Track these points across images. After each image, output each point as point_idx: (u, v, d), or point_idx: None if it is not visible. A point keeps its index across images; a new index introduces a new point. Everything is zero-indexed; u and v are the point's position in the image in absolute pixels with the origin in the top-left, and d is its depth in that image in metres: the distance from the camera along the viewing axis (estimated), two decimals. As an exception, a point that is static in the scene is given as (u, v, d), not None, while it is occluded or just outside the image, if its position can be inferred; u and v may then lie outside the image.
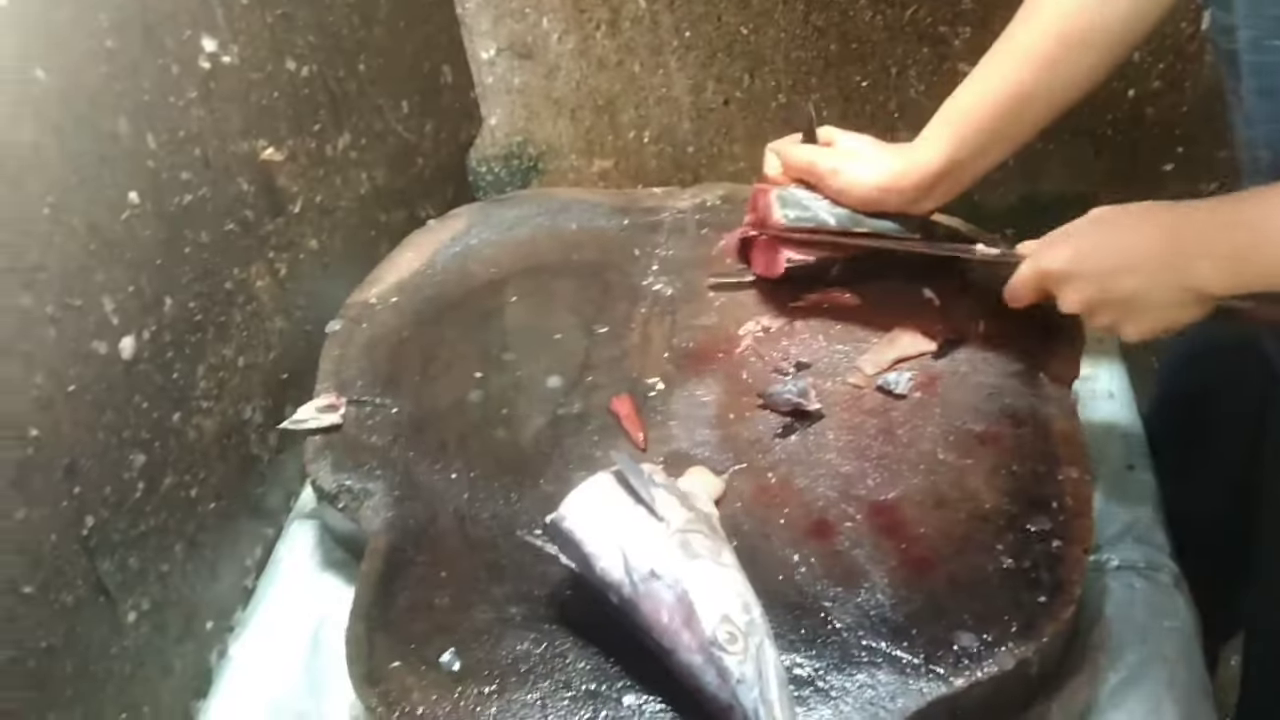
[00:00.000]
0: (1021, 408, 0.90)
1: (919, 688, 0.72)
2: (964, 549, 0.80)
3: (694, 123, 1.78)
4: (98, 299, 0.80)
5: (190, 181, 0.90)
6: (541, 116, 1.79)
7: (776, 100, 1.75)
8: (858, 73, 1.72)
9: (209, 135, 0.93)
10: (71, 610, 0.78)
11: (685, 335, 1.03)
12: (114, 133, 0.81)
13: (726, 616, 0.70)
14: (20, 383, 0.72)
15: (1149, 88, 1.55)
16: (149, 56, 0.85)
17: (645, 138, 1.81)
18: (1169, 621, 0.84)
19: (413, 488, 0.92)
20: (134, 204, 0.83)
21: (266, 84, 1.01)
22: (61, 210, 0.75)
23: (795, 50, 1.70)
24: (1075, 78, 0.90)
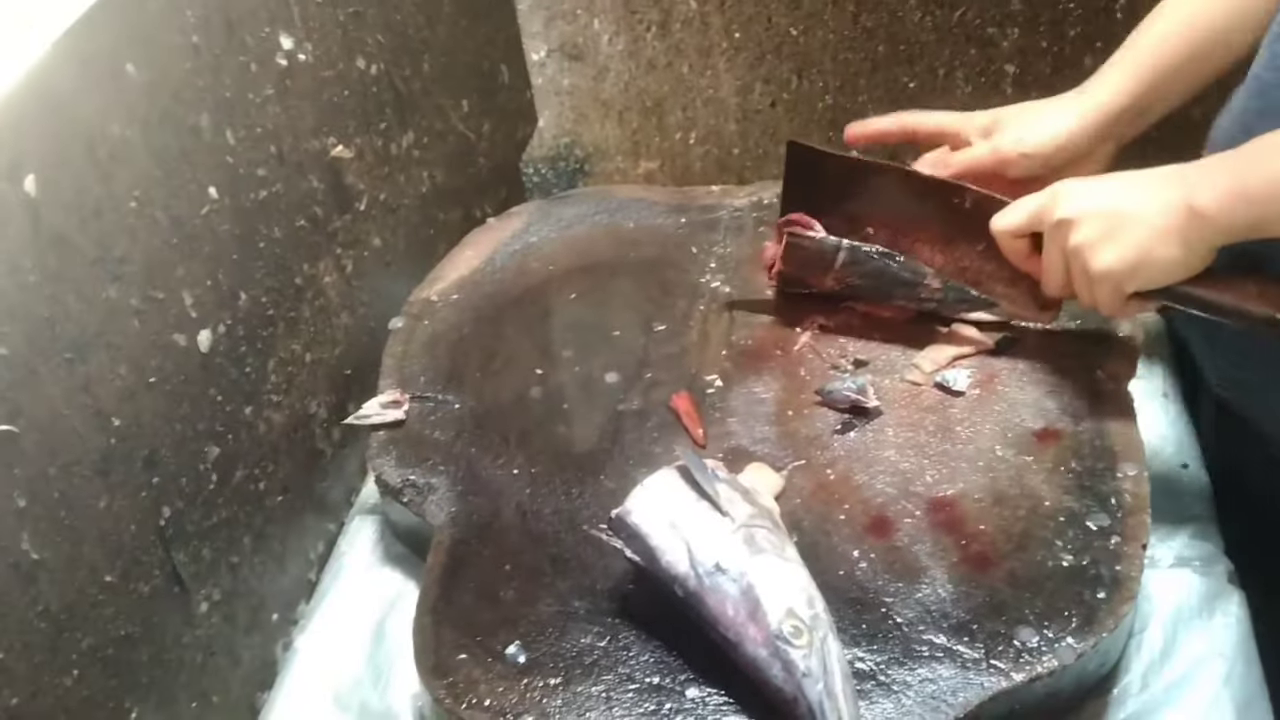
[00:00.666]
0: (1079, 406, 0.90)
1: (980, 682, 0.72)
2: (1024, 545, 0.80)
3: (740, 124, 1.78)
4: (178, 292, 0.81)
5: (265, 178, 0.92)
6: (589, 118, 1.80)
7: (823, 101, 1.75)
8: (905, 74, 1.71)
9: (283, 132, 0.94)
10: (148, 599, 0.80)
11: (743, 333, 1.03)
12: (196, 128, 0.83)
13: (791, 610, 0.71)
14: (107, 373, 0.74)
15: None
16: (230, 53, 0.87)
17: (691, 139, 1.82)
18: (1224, 617, 0.83)
19: (475, 483, 0.94)
20: (213, 199, 0.85)
21: (337, 82, 1.03)
22: (146, 204, 0.77)
23: (844, 52, 1.70)
24: (1260, 18, 0.87)
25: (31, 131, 0.66)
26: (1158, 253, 0.79)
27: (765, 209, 1.17)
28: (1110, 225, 0.81)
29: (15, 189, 0.65)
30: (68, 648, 0.71)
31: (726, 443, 0.93)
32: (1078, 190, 0.84)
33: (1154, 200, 0.79)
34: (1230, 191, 0.76)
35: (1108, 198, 0.82)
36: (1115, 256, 0.81)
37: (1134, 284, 0.81)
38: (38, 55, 0.66)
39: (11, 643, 0.65)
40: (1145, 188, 0.81)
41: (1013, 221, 0.88)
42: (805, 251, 0.99)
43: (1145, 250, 0.79)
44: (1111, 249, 0.81)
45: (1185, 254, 0.79)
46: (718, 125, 1.81)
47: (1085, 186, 0.84)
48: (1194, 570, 0.86)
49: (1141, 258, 0.80)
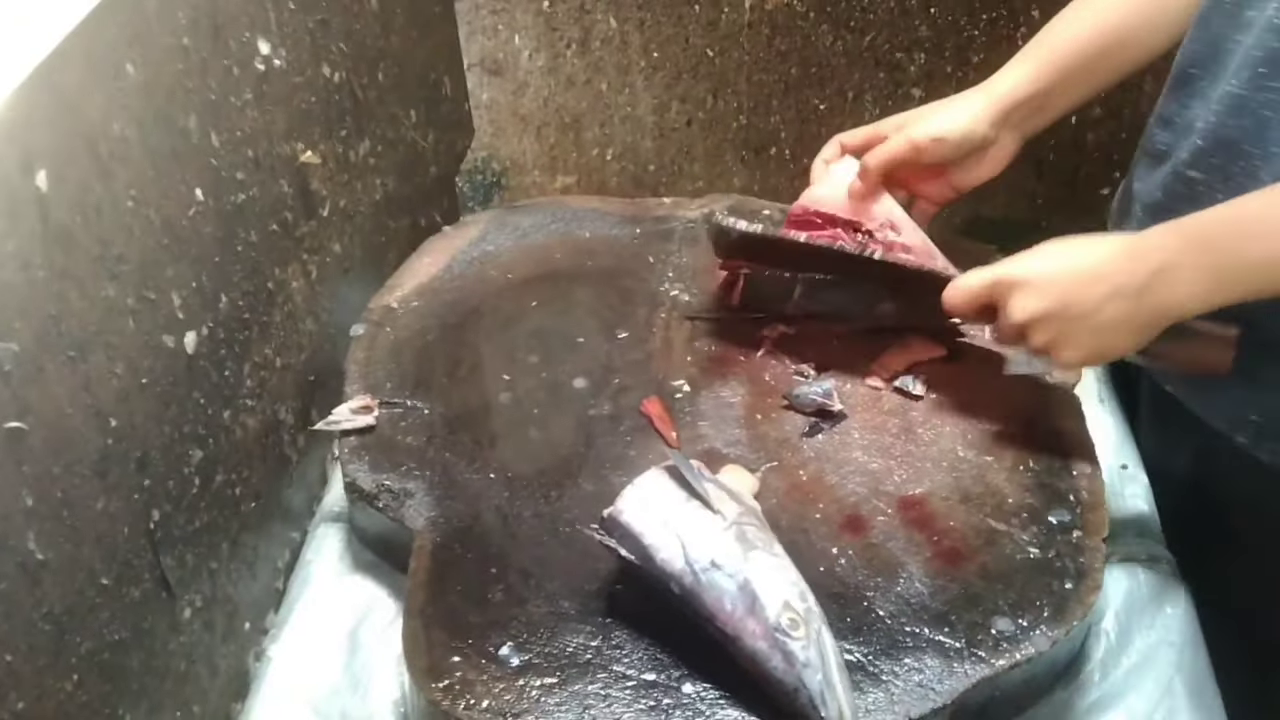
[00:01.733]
0: (1032, 408, 0.95)
1: (964, 670, 0.76)
2: (992, 540, 0.84)
3: (656, 141, 1.80)
4: (168, 293, 0.80)
5: (243, 181, 0.91)
6: (507, 133, 1.79)
7: (738, 121, 1.78)
8: (816, 96, 1.76)
9: (260, 136, 0.93)
10: (139, 604, 0.77)
11: (705, 340, 1.05)
12: (185, 129, 0.81)
13: (788, 603, 0.73)
14: (105, 372, 0.72)
15: (1090, 114, 1.61)
16: (216, 56, 0.85)
17: (608, 155, 1.83)
18: (1172, 608, 0.89)
19: (453, 487, 0.93)
20: (199, 201, 0.83)
21: (306, 88, 1.02)
22: (142, 203, 0.76)
23: (758, 74, 1.73)
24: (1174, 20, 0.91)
25: (42, 127, 0.64)
26: (1117, 346, 0.83)
27: (717, 221, 1.20)
28: (1066, 329, 0.82)
29: (28, 183, 0.63)
30: (68, 651, 0.68)
31: (699, 445, 0.94)
32: (1032, 286, 0.83)
33: (1112, 295, 0.79)
34: (1211, 280, 0.77)
35: (1060, 298, 0.82)
36: (1076, 357, 0.83)
37: (1095, 367, 0.86)
38: (47, 52, 0.64)
39: (18, 644, 0.63)
40: (1100, 278, 0.80)
41: (963, 301, 0.89)
42: (763, 285, 1.03)
43: (1104, 347, 0.83)
44: (1070, 351, 0.83)
45: (1143, 340, 0.82)
46: (634, 142, 1.82)
47: (1040, 279, 0.83)
48: (1141, 565, 0.92)
49: (1101, 354, 0.84)
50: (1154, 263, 0.79)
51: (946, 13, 1.65)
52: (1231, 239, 0.78)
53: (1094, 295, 0.80)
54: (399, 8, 1.24)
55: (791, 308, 1.03)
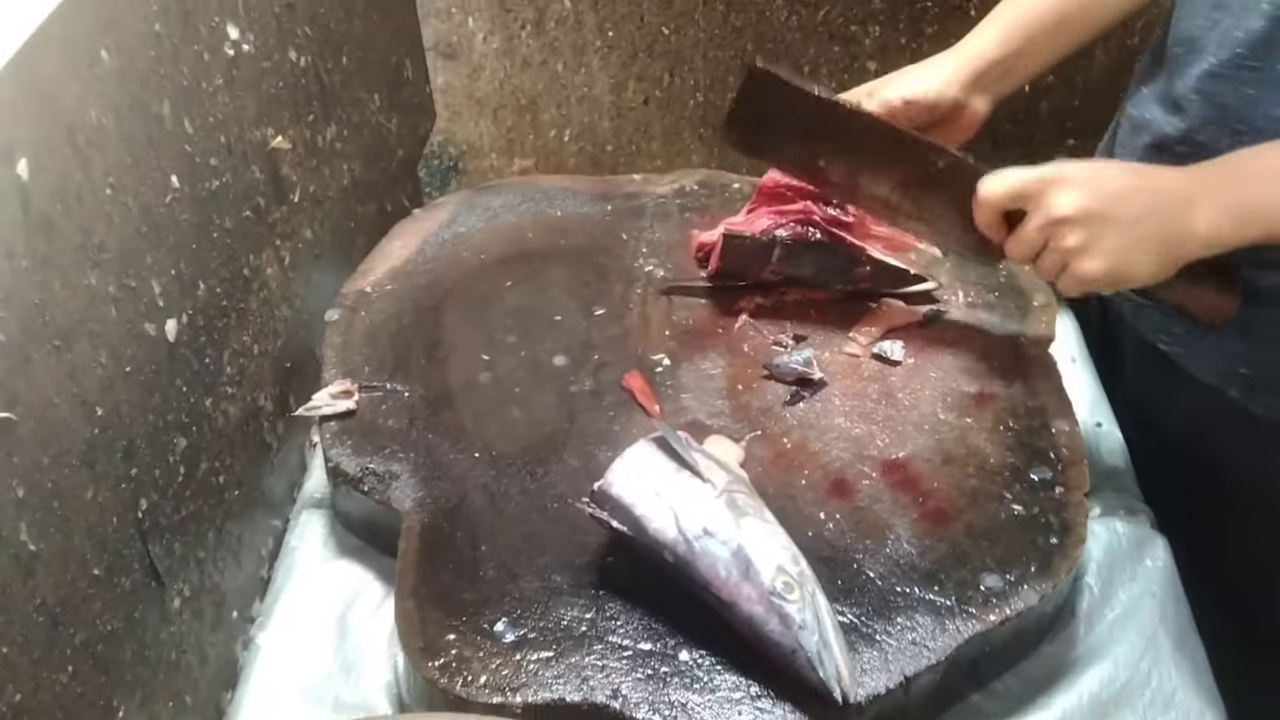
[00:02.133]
0: (1008, 369, 0.97)
1: (955, 627, 0.77)
2: (976, 500, 0.86)
3: (614, 121, 1.79)
4: (149, 281, 0.79)
5: (217, 167, 0.90)
6: (463, 116, 1.78)
7: (695, 99, 1.78)
8: (771, 70, 1.77)
9: (231, 122, 0.92)
10: (130, 594, 0.77)
11: (683, 314, 1.06)
12: (160, 115, 0.81)
13: (781, 567, 0.74)
14: (89, 361, 0.71)
15: (1043, 82, 1.64)
16: (187, 42, 0.85)
17: (565, 136, 1.82)
18: (1152, 560, 0.91)
19: (438, 468, 0.93)
20: (175, 188, 0.83)
21: (274, 73, 1.01)
22: (120, 190, 0.75)
23: (714, 50, 1.73)
24: None
25: (21, 115, 0.64)
26: (1139, 267, 0.82)
27: (688, 195, 1.21)
28: (1099, 233, 0.81)
29: (9, 172, 0.62)
30: (63, 643, 0.68)
31: (683, 418, 0.95)
32: (1078, 182, 0.83)
33: (1147, 213, 0.81)
34: (1230, 216, 0.79)
35: (1102, 201, 0.82)
36: (1099, 268, 0.82)
37: (1108, 289, 0.86)
38: (24, 39, 0.63)
39: (14, 636, 0.63)
40: (1140, 194, 0.82)
41: (1002, 193, 0.87)
42: (742, 248, 1.03)
43: (1128, 265, 0.82)
44: (1095, 258, 0.82)
45: (1164, 267, 0.82)
46: (592, 122, 1.81)
47: (1087, 179, 0.84)
48: (1120, 519, 0.94)
49: (1123, 271, 0.82)
50: (1190, 188, 0.81)
51: (900, -16, 1.66)
52: (1260, 178, 0.80)
53: (1139, 203, 0.81)
54: (361, -9, 1.23)
55: (770, 271, 1.03)
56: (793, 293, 1.05)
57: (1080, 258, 0.82)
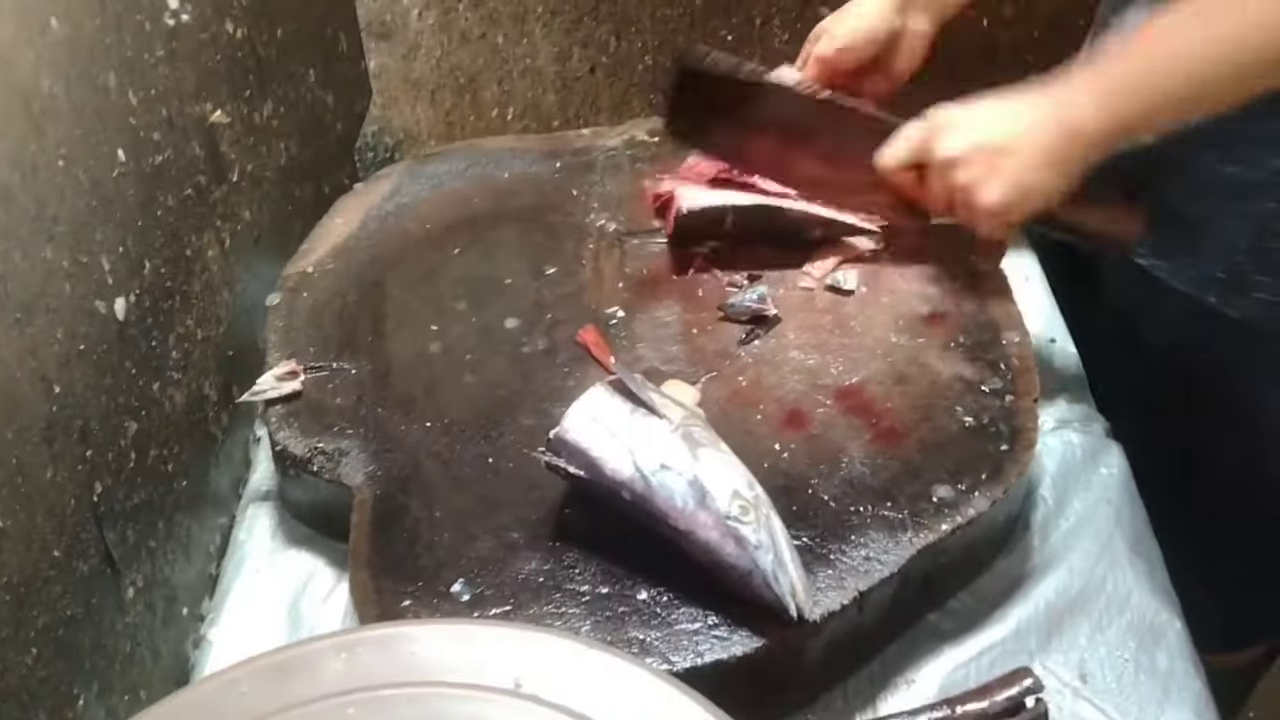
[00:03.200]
0: (960, 288, 1.05)
1: (908, 538, 0.85)
2: (929, 415, 0.94)
3: (559, 94, 1.83)
4: (99, 257, 0.83)
5: (159, 142, 0.93)
6: (399, 101, 1.81)
7: (643, 63, 1.84)
8: (723, 26, 1.81)
9: (172, 95, 0.96)
10: (87, 579, 0.82)
11: (636, 264, 1.13)
12: (105, 87, 0.84)
13: (736, 492, 0.81)
14: (47, 337, 0.76)
15: (1001, 14, 1.70)
16: (130, 11, 0.88)
17: (509, 115, 1.85)
18: (1106, 468, 0.99)
19: (389, 441, 0.99)
20: (122, 162, 0.86)
21: (212, 45, 1.05)
22: (71, 163, 0.79)
23: (661, 8, 1.79)
24: None
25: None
26: (1037, 183, 0.92)
27: (639, 146, 1.28)
28: (990, 162, 0.92)
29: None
30: (27, 624, 0.74)
31: (638, 367, 1.02)
32: (955, 124, 0.95)
33: (1029, 128, 0.91)
34: (1100, 103, 0.89)
35: (984, 132, 0.93)
36: (998, 194, 0.92)
37: (1016, 216, 0.95)
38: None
39: (-17, 614, 0.67)
40: (1019, 115, 0.92)
41: (895, 157, 1.00)
42: (695, 221, 1.12)
43: (1026, 184, 0.92)
44: (994, 186, 0.92)
45: (1062, 177, 0.92)
46: (536, 97, 1.84)
47: (962, 119, 0.95)
48: (1074, 430, 1.03)
49: (1023, 192, 0.92)
50: (1064, 92, 0.91)
51: (846, -75, 1.73)
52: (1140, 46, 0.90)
53: (1020, 121, 0.92)
54: (294, -41, 1.26)
55: (724, 235, 1.12)
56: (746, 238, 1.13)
57: (979, 191, 0.93)
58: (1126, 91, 0.89)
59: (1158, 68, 0.89)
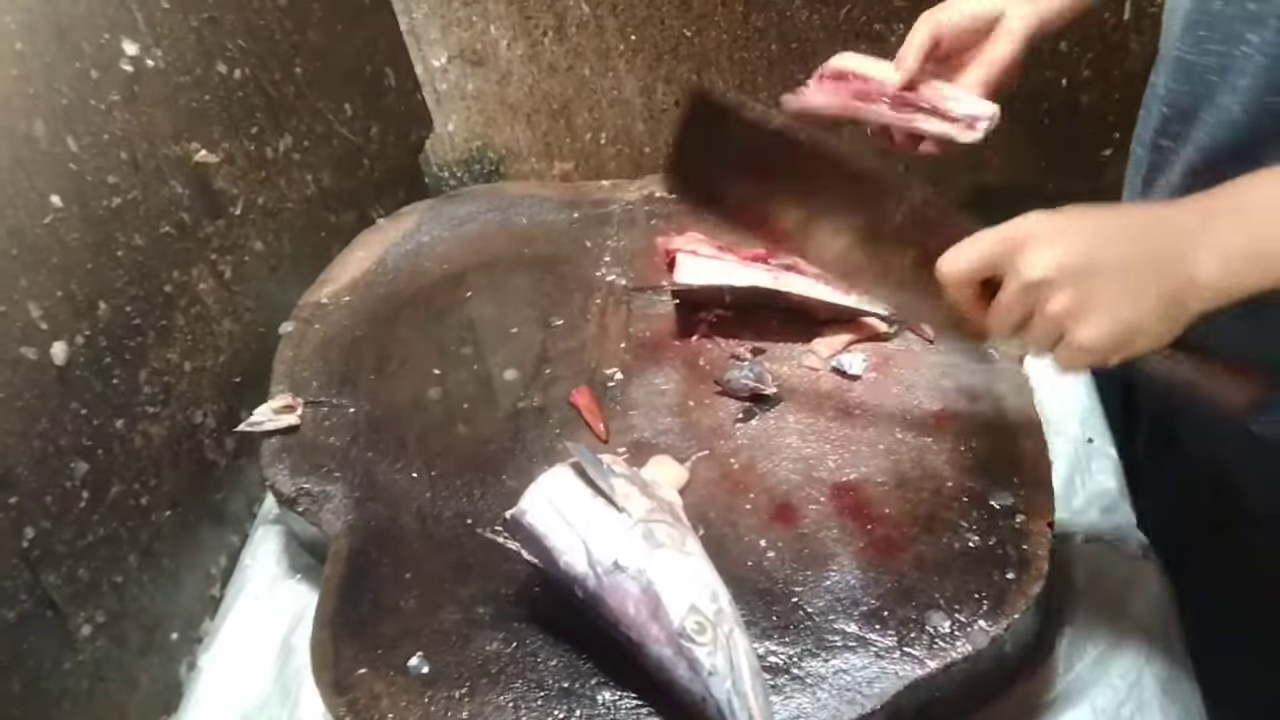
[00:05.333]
0: (976, 384, 0.87)
1: (895, 670, 0.68)
2: (930, 528, 0.76)
3: (648, 123, 1.75)
4: (23, 304, 0.74)
5: (118, 185, 0.85)
6: (498, 121, 1.75)
7: (726, 99, 1.73)
8: (800, 71, 1.68)
9: (136, 138, 0.87)
10: (15, 626, 0.72)
11: (641, 325, 0.98)
12: (29, 135, 0.76)
13: (694, 606, 0.65)
14: None
15: (1080, 77, 1.55)
16: (64, 60, 0.80)
17: (602, 139, 1.79)
18: (1142, 592, 0.80)
19: (373, 488, 0.88)
20: (57, 207, 0.78)
21: (195, 87, 0.96)
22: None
23: (739, 51, 1.68)
24: None
25: None
26: (1147, 327, 0.65)
27: (656, 202, 1.13)
28: (1092, 292, 0.65)
29: None
30: None
31: (629, 436, 0.88)
32: (1049, 240, 0.67)
33: (1144, 254, 0.65)
34: (1241, 257, 0.64)
35: (1087, 256, 0.66)
36: (1095, 331, 0.65)
37: (1115, 359, 0.68)
38: None
39: None
40: (1132, 243, 0.66)
41: (965, 268, 0.70)
42: (694, 296, 0.96)
43: (1134, 327, 0.65)
44: (1095, 318, 0.65)
45: (1172, 326, 0.66)
46: (626, 125, 1.78)
47: (1058, 236, 0.67)
48: (1107, 546, 0.83)
49: (1130, 335, 0.65)
50: (1186, 229, 0.65)
51: (921, -20, 1.58)
52: (1267, 213, 0.64)
53: (1126, 247, 0.65)
54: (315, 3, 1.17)
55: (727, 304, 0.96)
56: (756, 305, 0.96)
57: (1075, 322, 0.66)
58: (1264, 256, 0.64)
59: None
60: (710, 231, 1.00)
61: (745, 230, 0.81)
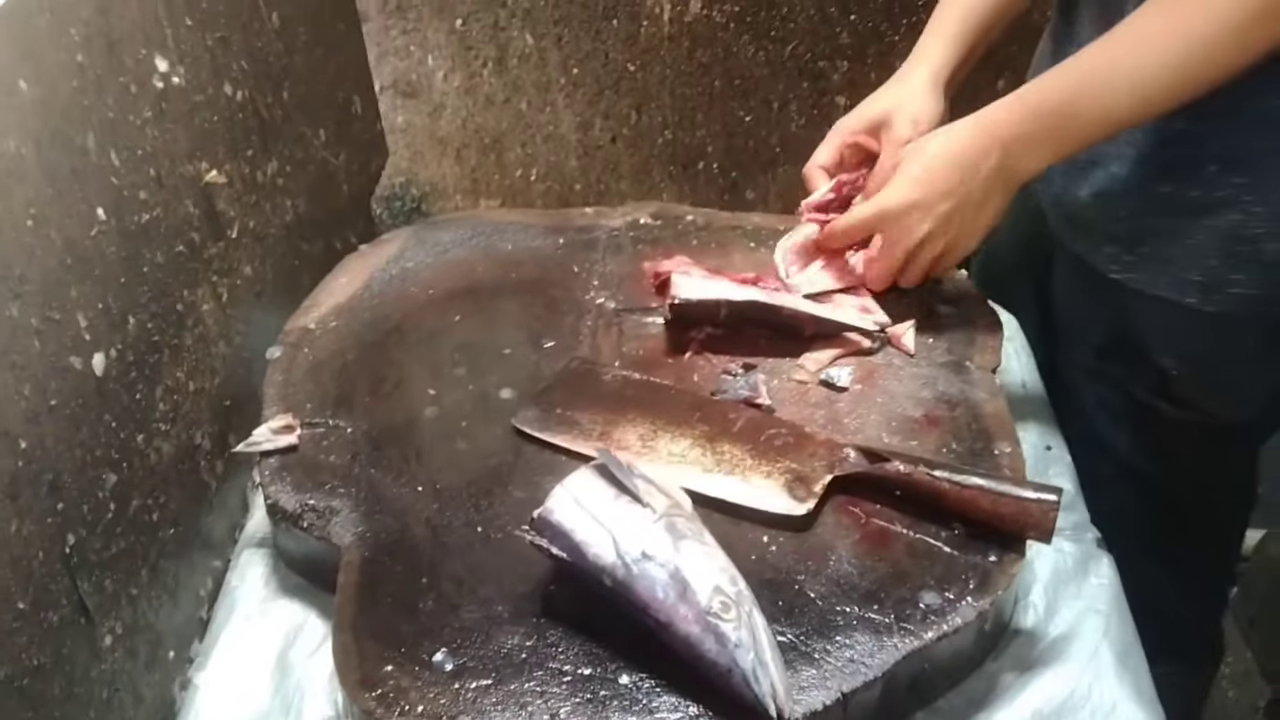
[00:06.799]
0: (954, 393, 1.02)
1: (893, 644, 0.81)
2: (918, 520, 0.90)
3: (581, 160, 1.85)
4: (73, 314, 0.82)
5: (146, 201, 0.93)
6: (426, 156, 1.83)
7: (663, 136, 1.84)
8: (741, 108, 1.83)
9: (161, 155, 0.96)
10: (57, 629, 0.80)
11: (633, 344, 1.11)
12: (84, 147, 0.84)
13: (718, 587, 0.78)
14: (12, 393, 0.74)
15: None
16: (111, 73, 0.88)
17: (533, 175, 1.87)
18: (1097, 578, 0.96)
19: (379, 502, 0.96)
20: (101, 220, 0.86)
21: (207, 107, 1.05)
22: (41, 222, 0.78)
23: (681, 87, 1.80)
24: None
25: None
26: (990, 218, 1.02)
27: (641, 228, 1.26)
28: (951, 227, 1.02)
29: (-71, 200, 0.66)
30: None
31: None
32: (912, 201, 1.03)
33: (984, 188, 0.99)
34: (1051, 156, 0.97)
35: (942, 200, 1.01)
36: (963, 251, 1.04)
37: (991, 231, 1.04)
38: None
39: (-60, 667, 0.65)
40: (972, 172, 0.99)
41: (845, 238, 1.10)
42: (690, 310, 1.10)
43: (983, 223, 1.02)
44: (965, 247, 1.04)
45: (1005, 197, 1.01)
46: (559, 161, 1.86)
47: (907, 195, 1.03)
48: (1066, 539, 0.99)
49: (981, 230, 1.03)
50: (1005, 137, 0.98)
51: (867, 19, 1.73)
52: (1065, 101, 0.95)
53: (969, 188, 1.00)
54: (301, 26, 1.28)
55: (720, 321, 1.10)
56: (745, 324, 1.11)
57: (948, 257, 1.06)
58: (1073, 139, 0.96)
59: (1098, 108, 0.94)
60: (696, 256, 1.15)
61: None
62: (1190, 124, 0.96)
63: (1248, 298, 1.03)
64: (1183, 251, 1.03)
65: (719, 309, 1.08)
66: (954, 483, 0.88)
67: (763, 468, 0.94)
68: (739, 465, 0.95)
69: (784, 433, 0.96)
